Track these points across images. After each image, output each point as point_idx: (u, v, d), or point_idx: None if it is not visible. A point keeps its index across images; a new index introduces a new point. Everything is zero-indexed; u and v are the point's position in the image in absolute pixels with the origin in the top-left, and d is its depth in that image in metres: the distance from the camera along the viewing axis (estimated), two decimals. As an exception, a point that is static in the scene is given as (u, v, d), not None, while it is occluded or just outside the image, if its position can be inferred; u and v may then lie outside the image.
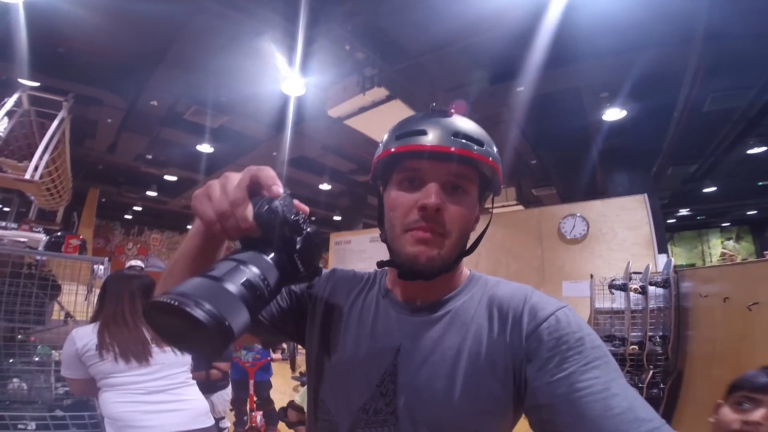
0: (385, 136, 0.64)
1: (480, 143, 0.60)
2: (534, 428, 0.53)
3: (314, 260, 0.51)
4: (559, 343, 0.52)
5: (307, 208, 0.54)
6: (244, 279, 0.43)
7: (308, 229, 0.50)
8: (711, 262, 12.75)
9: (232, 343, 0.41)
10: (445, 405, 0.56)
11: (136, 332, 1.56)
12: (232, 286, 0.41)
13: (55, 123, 3.43)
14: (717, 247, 12.93)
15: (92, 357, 1.49)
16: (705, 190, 8.65)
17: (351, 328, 0.67)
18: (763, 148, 5.93)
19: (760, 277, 2.07)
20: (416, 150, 0.59)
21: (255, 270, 0.44)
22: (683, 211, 11.11)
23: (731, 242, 12.73)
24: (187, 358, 1.68)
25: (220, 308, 0.38)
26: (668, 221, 12.27)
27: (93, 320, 1.63)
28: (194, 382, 1.70)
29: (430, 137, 0.58)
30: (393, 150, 0.60)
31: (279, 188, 0.49)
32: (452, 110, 0.63)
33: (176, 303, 0.37)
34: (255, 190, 0.50)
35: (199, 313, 0.37)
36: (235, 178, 0.49)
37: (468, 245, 0.65)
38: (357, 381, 0.62)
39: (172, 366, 1.59)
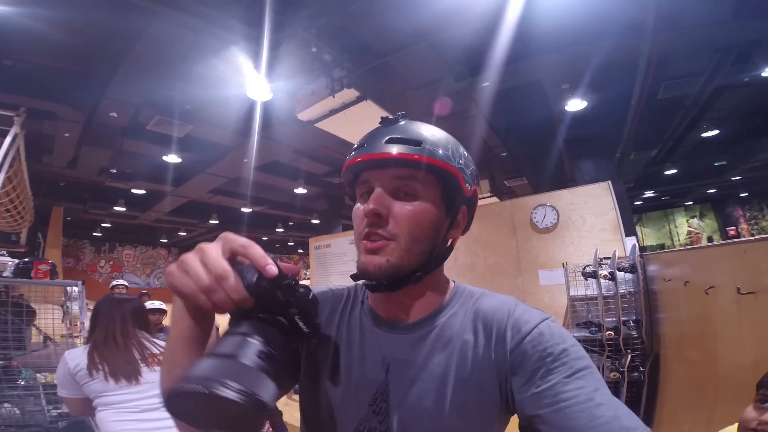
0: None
1: (418, 143, 0.59)
2: None
3: (314, 317, 0.50)
4: (543, 356, 0.53)
5: (296, 269, 0.54)
6: (257, 350, 0.42)
7: (301, 290, 0.49)
8: (679, 240, 13.34)
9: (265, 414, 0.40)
10: (436, 420, 0.57)
11: (126, 353, 1.59)
12: (249, 361, 0.41)
13: (8, 139, 3.25)
14: (683, 225, 13.53)
15: (84, 376, 1.53)
16: (666, 173, 9.08)
17: (340, 350, 0.66)
18: (716, 132, 6.28)
19: (715, 261, 2.14)
20: (355, 163, 0.60)
21: (262, 339, 0.43)
22: (648, 193, 11.58)
23: (696, 220, 13.35)
24: None
25: (247, 384, 0.38)
26: (635, 203, 12.77)
27: (87, 341, 1.66)
28: None
29: (368, 147, 0.60)
30: (344, 167, 0.63)
31: (273, 268, 0.47)
32: (400, 116, 0.64)
33: (205, 389, 0.36)
34: (234, 259, 0.48)
35: (230, 394, 0.36)
36: (213, 250, 0.47)
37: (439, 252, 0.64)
38: (350, 402, 0.62)
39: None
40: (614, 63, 3.99)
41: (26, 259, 3.08)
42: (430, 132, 0.62)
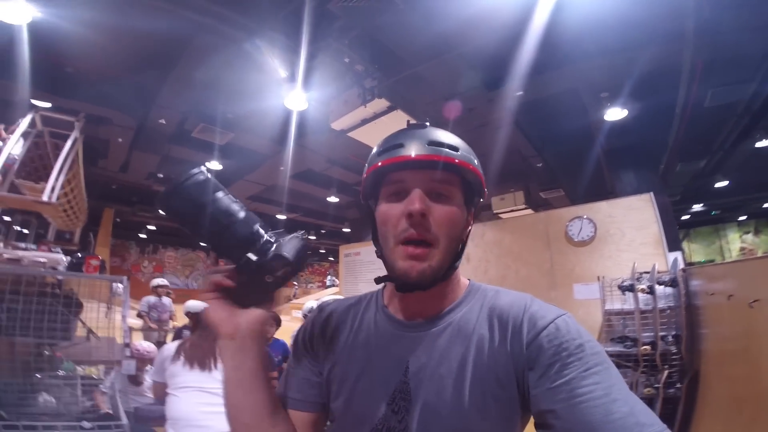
0: (370, 156, 0.68)
1: (455, 149, 0.62)
2: None
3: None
4: (559, 350, 0.53)
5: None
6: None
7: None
8: (730, 257, 12.44)
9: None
10: (455, 415, 0.57)
11: (210, 349, 1.87)
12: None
13: (69, 143, 3.45)
14: (735, 241, 12.64)
15: (169, 361, 1.88)
16: (717, 185, 8.52)
17: (358, 354, 0.67)
18: (771, 141, 5.84)
19: (760, 273, 2.02)
20: (396, 162, 0.61)
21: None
22: (697, 207, 10.92)
23: (750, 236, 12.44)
24: None
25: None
26: (682, 218, 12.05)
27: (176, 337, 2.06)
28: None
29: (408, 148, 0.61)
30: (379, 164, 0.63)
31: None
32: (427, 122, 0.67)
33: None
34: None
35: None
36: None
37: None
38: (368, 403, 0.63)
39: None
40: (655, 70, 3.83)
41: (79, 254, 3.32)
42: (456, 138, 0.65)
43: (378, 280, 0.67)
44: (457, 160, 0.61)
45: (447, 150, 0.62)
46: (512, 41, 3.48)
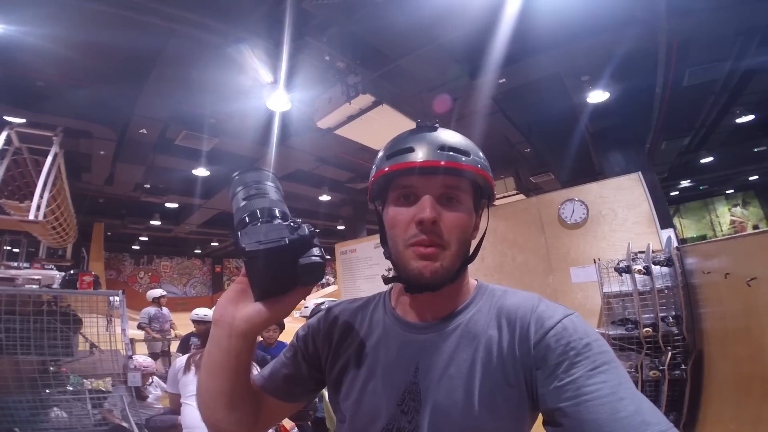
0: (377, 157, 0.67)
1: (467, 153, 0.62)
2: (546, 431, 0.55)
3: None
4: (566, 350, 0.54)
5: None
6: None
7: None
8: (721, 230, 12.63)
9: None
10: (465, 416, 0.57)
11: None
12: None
13: (50, 159, 3.37)
14: (725, 215, 12.81)
15: (181, 372, 1.97)
16: (702, 161, 8.67)
17: (368, 356, 0.68)
18: (751, 117, 5.95)
19: (756, 250, 2.01)
20: (407, 167, 0.61)
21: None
22: (685, 183, 11.07)
23: (738, 208, 12.61)
24: None
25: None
26: (671, 194, 12.21)
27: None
28: None
29: (419, 153, 0.61)
30: (386, 170, 0.63)
31: None
32: (437, 124, 0.66)
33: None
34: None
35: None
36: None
37: (470, 252, 0.67)
38: (379, 404, 0.63)
39: None
40: (633, 52, 3.86)
41: (72, 272, 3.30)
42: (467, 141, 0.66)
43: (387, 281, 0.68)
44: (467, 166, 0.62)
45: (458, 155, 0.62)
46: (488, 29, 3.48)
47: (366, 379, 0.66)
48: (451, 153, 0.61)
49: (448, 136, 0.64)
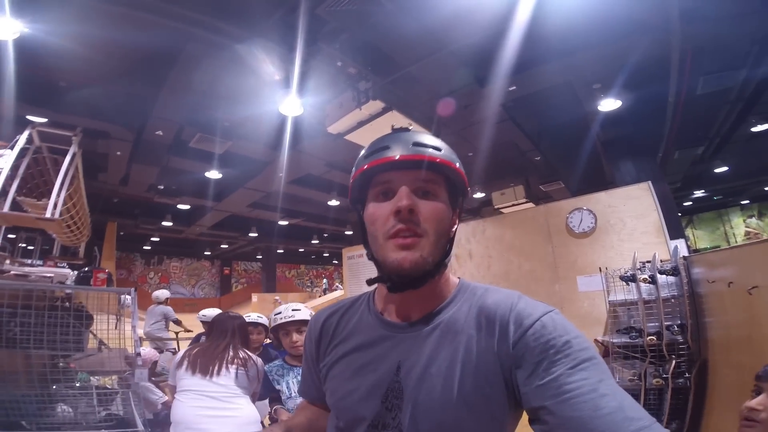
0: (357, 160, 0.70)
1: (438, 149, 0.65)
2: (533, 429, 0.55)
3: None
4: (546, 348, 0.54)
5: None
6: None
7: None
8: (735, 242, 12.36)
9: None
10: (444, 411, 0.58)
11: (214, 354, 1.94)
12: None
13: (68, 158, 3.44)
14: (740, 226, 12.53)
15: (177, 365, 1.98)
16: (716, 171, 8.51)
17: (353, 355, 0.70)
18: (767, 126, 5.85)
19: (758, 259, 2.01)
20: (384, 162, 0.64)
21: None
22: (698, 193, 10.87)
23: (754, 220, 12.33)
24: (245, 382, 1.96)
25: None
26: (684, 204, 12.01)
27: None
28: (245, 393, 1.93)
29: (395, 150, 0.64)
30: (365, 167, 0.65)
31: None
32: (410, 126, 0.70)
33: None
34: None
35: None
36: None
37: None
38: (365, 401, 0.65)
39: (229, 379, 1.90)
40: (645, 60, 3.84)
41: (86, 269, 3.38)
42: (440, 141, 0.68)
43: (370, 282, 0.69)
44: (440, 159, 0.64)
45: (431, 150, 0.65)
46: (498, 37, 3.49)
47: (351, 378, 0.68)
48: (426, 149, 0.64)
49: (422, 135, 0.67)
